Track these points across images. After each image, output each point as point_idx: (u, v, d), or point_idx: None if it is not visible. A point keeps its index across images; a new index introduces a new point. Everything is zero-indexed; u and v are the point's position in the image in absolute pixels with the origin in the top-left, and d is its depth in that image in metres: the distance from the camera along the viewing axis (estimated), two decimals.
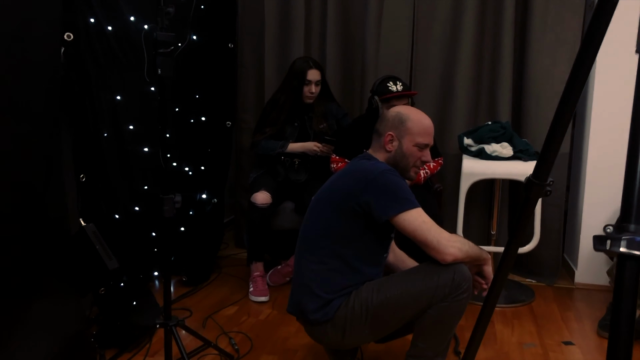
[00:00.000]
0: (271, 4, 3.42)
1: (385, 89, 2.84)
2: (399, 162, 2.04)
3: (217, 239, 3.43)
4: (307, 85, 3.08)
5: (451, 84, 3.29)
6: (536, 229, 2.92)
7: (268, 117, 3.17)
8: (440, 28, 3.27)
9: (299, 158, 3.15)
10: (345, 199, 1.92)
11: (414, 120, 2.05)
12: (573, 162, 3.48)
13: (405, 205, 1.88)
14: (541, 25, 3.12)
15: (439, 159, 3.11)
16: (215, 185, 3.35)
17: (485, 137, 3.05)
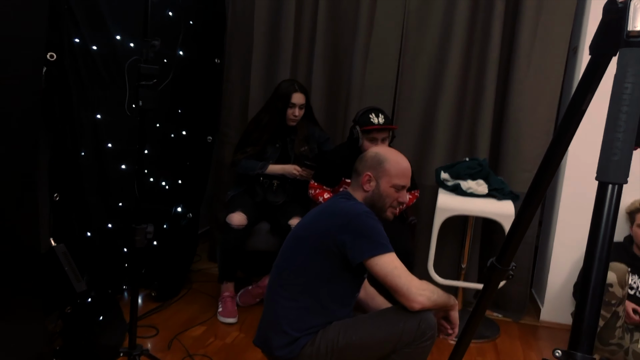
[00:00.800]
0: (261, 23, 3.43)
1: (367, 121, 2.86)
2: (376, 202, 2.07)
3: (189, 254, 3.42)
4: (291, 108, 3.09)
5: (433, 116, 3.32)
6: None
7: (250, 137, 3.18)
8: (427, 61, 3.30)
9: (278, 180, 3.15)
10: (322, 239, 1.94)
11: (392, 161, 2.08)
12: (547, 199, 3.54)
13: (379, 249, 1.90)
14: (525, 66, 3.17)
15: (415, 191, 3.15)
16: (192, 199, 3.35)
17: (462, 173, 3.10)
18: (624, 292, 2.68)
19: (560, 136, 1.06)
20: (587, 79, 1.00)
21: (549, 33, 3.13)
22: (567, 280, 3.24)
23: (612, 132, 0.83)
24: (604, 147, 0.84)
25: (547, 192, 3.45)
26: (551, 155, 1.06)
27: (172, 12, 2.85)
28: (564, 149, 1.06)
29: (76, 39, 2.17)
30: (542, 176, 1.03)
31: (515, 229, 1.11)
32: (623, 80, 0.84)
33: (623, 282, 2.66)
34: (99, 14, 2.28)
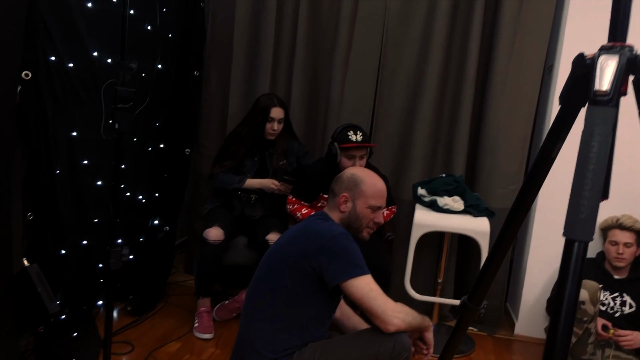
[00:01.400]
0: (240, 36, 3.42)
1: (345, 138, 2.88)
2: (352, 223, 2.08)
3: (166, 267, 3.40)
4: (270, 122, 3.09)
5: (411, 132, 3.35)
6: None
7: (228, 150, 3.17)
8: (405, 78, 3.33)
9: (256, 194, 3.15)
10: (299, 260, 1.95)
11: (368, 183, 2.11)
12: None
13: (355, 271, 1.92)
14: (501, 84, 3.21)
15: (393, 207, 3.17)
16: (169, 211, 3.33)
17: (439, 189, 3.13)
18: (596, 309, 2.73)
19: (529, 183, 1.08)
20: (556, 128, 1.03)
21: (524, 51, 3.18)
22: (541, 295, 3.29)
23: (579, 190, 0.85)
24: (571, 204, 0.86)
25: None
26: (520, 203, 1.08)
27: (150, 26, 2.83)
28: (533, 196, 1.09)
29: (52, 57, 2.14)
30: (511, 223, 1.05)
31: (486, 269, 1.13)
32: (590, 139, 0.86)
33: (595, 300, 2.71)
34: (75, 31, 2.25)
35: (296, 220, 2.98)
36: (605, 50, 0.93)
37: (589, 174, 0.85)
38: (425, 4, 3.25)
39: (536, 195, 1.09)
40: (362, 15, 3.29)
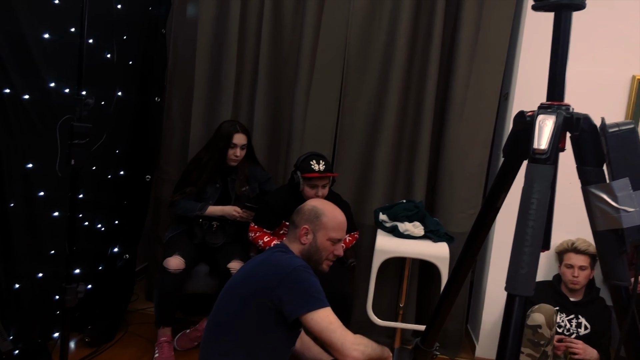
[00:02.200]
0: (202, 62, 3.42)
1: (308, 167, 2.90)
2: (312, 255, 2.10)
3: (126, 295, 3.34)
4: (232, 148, 3.10)
5: (372, 158, 3.39)
6: None
7: (189, 177, 3.16)
8: (366, 105, 3.38)
9: (218, 221, 3.14)
10: (258, 293, 1.95)
11: (329, 215, 2.12)
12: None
13: (315, 304, 1.92)
14: (458, 111, 3.29)
15: (355, 233, 3.19)
16: (129, 239, 3.28)
17: (400, 215, 3.17)
18: (552, 333, 2.80)
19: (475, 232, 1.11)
20: (500, 180, 1.07)
21: (481, 80, 3.26)
22: (501, 317, 3.34)
23: (520, 246, 0.88)
24: (512, 260, 0.89)
25: None
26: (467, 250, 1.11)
27: (110, 55, 2.81)
28: (479, 245, 1.12)
29: (6, 90, 2.10)
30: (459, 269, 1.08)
31: (436, 314, 1.16)
32: (530, 196, 0.90)
33: (551, 323, 2.78)
34: (31, 61, 2.22)
35: (258, 248, 2.98)
36: (544, 109, 0.97)
37: (529, 230, 0.89)
38: (385, 34, 3.31)
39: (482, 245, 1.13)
40: (323, 44, 3.33)
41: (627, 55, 3.12)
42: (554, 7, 1.01)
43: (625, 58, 3.12)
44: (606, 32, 3.11)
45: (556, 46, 1.02)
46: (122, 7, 2.92)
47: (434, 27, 3.25)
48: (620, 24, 3.10)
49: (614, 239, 0.96)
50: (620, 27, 3.10)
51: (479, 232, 1.10)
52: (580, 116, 0.97)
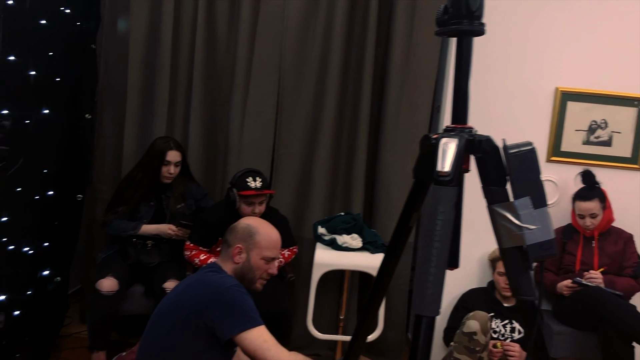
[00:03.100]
0: (134, 77, 3.35)
1: (244, 185, 2.88)
2: (245, 275, 2.08)
3: (58, 320, 3.21)
4: (165, 165, 3.04)
5: (310, 172, 3.40)
6: (380, 318, 3.09)
7: (122, 195, 3.08)
8: (303, 119, 3.39)
9: (153, 240, 3.07)
10: (189, 315, 1.91)
11: (263, 234, 2.11)
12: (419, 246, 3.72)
13: (248, 323, 1.91)
14: (393, 124, 3.35)
15: (294, 247, 3.19)
16: (60, 261, 3.16)
17: (338, 228, 3.19)
18: (487, 339, 2.87)
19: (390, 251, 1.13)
20: (411, 200, 1.09)
21: (413, 92, 3.34)
22: (439, 324, 3.40)
23: (425, 267, 0.90)
24: (418, 280, 0.91)
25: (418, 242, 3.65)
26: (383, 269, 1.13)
27: (35, 72, 2.72)
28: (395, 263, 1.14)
29: None
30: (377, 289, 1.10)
31: (357, 335, 1.17)
32: (435, 217, 0.93)
33: (485, 329, 2.85)
34: None
35: (195, 267, 2.93)
36: (447, 132, 1.00)
37: (434, 250, 0.91)
38: (319, 48, 3.34)
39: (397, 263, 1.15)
40: (258, 59, 3.33)
41: (551, 68, 3.26)
42: (456, 33, 1.04)
43: (549, 70, 3.26)
44: (531, 45, 3.25)
45: (459, 71, 1.05)
46: (47, 22, 2.82)
47: (367, 41, 3.31)
48: (544, 37, 3.24)
49: (519, 256, 1.00)
50: (544, 40, 3.24)
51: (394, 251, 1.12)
52: (482, 138, 1.01)
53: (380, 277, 1.13)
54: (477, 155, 1.01)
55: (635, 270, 3.09)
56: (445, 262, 0.91)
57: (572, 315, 3.05)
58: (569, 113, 3.26)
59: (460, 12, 1.01)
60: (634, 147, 3.28)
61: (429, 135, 1.03)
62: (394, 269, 1.11)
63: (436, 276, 0.89)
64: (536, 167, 0.98)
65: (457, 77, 1.05)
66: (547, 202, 0.99)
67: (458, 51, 1.06)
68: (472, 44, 1.06)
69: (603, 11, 3.20)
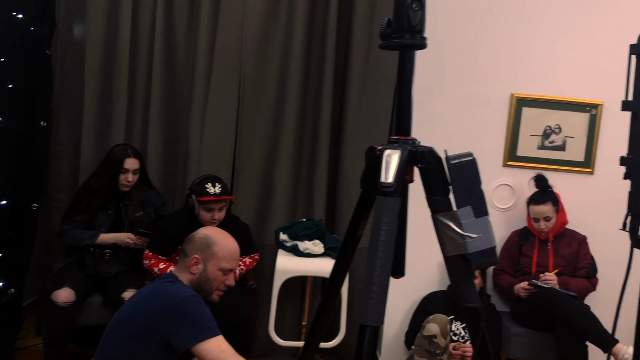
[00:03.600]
0: (91, 83, 3.30)
1: (203, 191, 2.86)
2: (202, 285, 2.06)
3: (12, 333, 3.13)
4: (123, 173, 3.01)
5: (272, 178, 3.40)
6: (342, 324, 3.10)
7: (79, 204, 3.03)
8: (264, 125, 3.39)
9: (111, 249, 3.02)
10: (145, 327, 1.88)
11: (221, 245, 2.09)
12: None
13: (205, 334, 1.89)
14: (354, 129, 3.37)
15: (255, 254, 3.18)
16: (15, 272, 3.08)
17: (300, 234, 3.20)
18: (447, 341, 2.91)
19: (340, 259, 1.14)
20: (359, 210, 1.10)
21: (374, 99, 3.37)
22: (401, 328, 3.44)
23: (370, 277, 0.92)
24: (364, 290, 0.92)
25: None
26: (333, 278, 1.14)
27: None
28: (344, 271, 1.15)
29: None
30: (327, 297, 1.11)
31: (311, 334, 1.18)
32: (378, 228, 0.94)
33: (445, 332, 2.89)
34: None
35: (153, 276, 2.89)
36: (390, 144, 1.02)
37: (378, 260, 0.92)
38: (279, 55, 3.35)
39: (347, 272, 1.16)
40: (218, 65, 3.31)
41: (506, 75, 3.34)
42: (398, 47, 1.06)
43: (505, 77, 3.34)
44: (487, 53, 3.32)
45: (401, 83, 1.07)
46: None
47: (327, 47, 3.33)
48: (499, 45, 3.31)
49: (462, 264, 1.02)
50: (499, 48, 3.32)
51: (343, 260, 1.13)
52: (425, 149, 1.03)
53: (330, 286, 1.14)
54: (420, 166, 1.03)
55: (589, 271, 3.19)
56: (389, 272, 0.93)
57: (529, 316, 3.12)
58: (524, 119, 3.34)
59: (402, 26, 1.03)
60: (587, 152, 3.38)
61: (374, 147, 1.05)
62: (344, 278, 1.12)
63: (380, 286, 0.91)
64: (477, 177, 1.01)
65: (400, 90, 1.07)
66: (487, 211, 1.01)
67: (400, 64, 1.08)
68: (414, 58, 1.08)
69: (556, 19, 3.30)
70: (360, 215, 1.10)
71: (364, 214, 1.11)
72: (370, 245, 0.94)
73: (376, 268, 0.92)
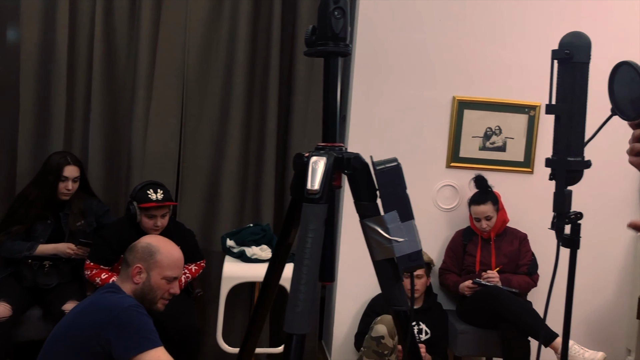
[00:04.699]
0: (27, 89, 3.19)
1: (145, 197, 2.81)
2: (146, 295, 2.02)
3: None
4: (63, 181, 2.92)
5: (218, 184, 3.37)
6: None
7: (15, 214, 2.93)
8: (208, 130, 3.36)
9: (50, 260, 2.93)
10: (85, 339, 1.83)
11: (164, 253, 2.06)
12: None
13: (145, 345, 1.85)
14: (300, 134, 3.39)
15: (201, 261, 3.14)
16: None
17: (247, 240, 3.18)
18: (395, 342, 2.94)
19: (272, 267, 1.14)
20: (290, 217, 1.10)
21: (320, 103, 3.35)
22: (350, 331, 3.46)
23: (296, 284, 0.92)
24: (290, 297, 0.92)
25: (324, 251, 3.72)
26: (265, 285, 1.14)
27: None
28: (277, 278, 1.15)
29: None
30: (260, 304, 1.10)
31: (247, 339, 1.17)
32: (305, 235, 0.94)
33: (393, 333, 2.92)
34: None
35: (96, 287, 2.82)
36: (317, 151, 1.03)
37: (304, 268, 0.92)
38: (224, 59, 3.32)
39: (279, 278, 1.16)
40: (160, 70, 3.26)
41: (448, 78, 3.41)
42: (323, 54, 1.07)
43: (447, 81, 3.41)
44: (429, 57, 3.38)
45: (327, 90, 1.08)
46: None
47: (272, 51, 3.33)
48: (441, 48, 3.38)
49: (390, 268, 1.03)
50: (441, 51, 3.38)
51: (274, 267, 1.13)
52: (351, 156, 1.04)
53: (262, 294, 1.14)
54: (347, 172, 1.04)
55: (530, 267, 3.29)
56: (316, 279, 0.93)
57: (474, 314, 3.20)
58: (465, 121, 3.42)
59: (326, 34, 1.04)
60: (526, 152, 3.48)
61: (301, 154, 1.05)
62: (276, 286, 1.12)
63: (306, 294, 0.91)
64: (402, 182, 1.03)
65: (326, 97, 1.08)
66: (413, 215, 1.03)
67: (325, 71, 1.08)
68: (338, 65, 1.09)
69: (495, 23, 3.39)
70: (291, 223, 1.10)
71: (294, 221, 1.11)
72: (297, 252, 0.94)
73: (302, 275, 0.92)
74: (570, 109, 1.32)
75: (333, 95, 1.07)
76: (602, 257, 3.55)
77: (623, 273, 3.58)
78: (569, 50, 1.29)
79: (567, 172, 1.33)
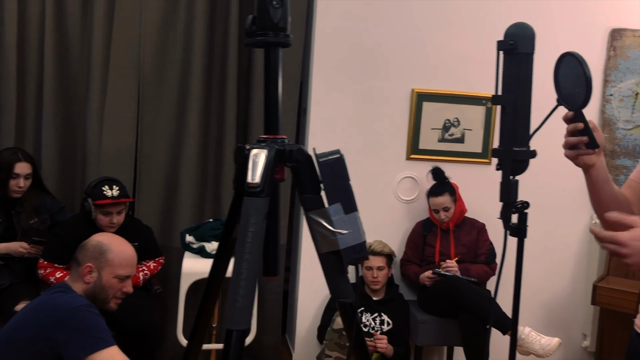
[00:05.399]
0: None
1: (100, 194, 2.75)
2: (97, 295, 1.98)
3: None
4: (14, 178, 2.84)
5: (177, 179, 3.32)
6: (253, 322, 3.08)
7: None
8: (166, 124, 3.30)
9: (2, 259, 2.84)
10: (34, 340, 1.78)
11: (116, 251, 2.01)
12: (292, 246, 3.77)
13: (98, 345, 1.81)
14: (260, 127, 3.35)
15: (160, 258, 3.10)
16: None
17: (206, 235, 3.14)
18: None
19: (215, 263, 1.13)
20: (233, 212, 1.09)
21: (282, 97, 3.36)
22: (313, 323, 3.46)
23: (236, 279, 0.90)
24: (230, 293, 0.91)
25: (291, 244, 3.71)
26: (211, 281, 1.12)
27: None
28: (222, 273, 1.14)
29: None
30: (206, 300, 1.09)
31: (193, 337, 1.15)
32: (246, 229, 0.93)
33: None
34: None
35: (50, 286, 2.75)
36: (258, 143, 1.01)
37: (244, 263, 0.91)
38: (180, 52, 3.27)
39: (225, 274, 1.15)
40: (115, 63, 3.19)
41: (406, 71, 3.42)
42: (263, 45, 1.05)
43: (405, 73, 3.43)
44: (387, 49, 3.39)
45: (268, 82, 1.06)
46: None
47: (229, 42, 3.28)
48: (399, 40, 3.39)
49: (335, 260, 1.03)
50: (399, 43, 3.39)
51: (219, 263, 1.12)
52: (293, 148, 1.03)
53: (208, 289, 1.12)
54: (290, 165, 1.03)
55: (488, 257, 3.34)
56: (256, 274, 0.92)
57: (434, 304, 3.23)
58: (424, 113, 3.45)
59: (265, 24, 1.02)
60: (484, 143, 3.53)
61: (242, 147, 1.04)
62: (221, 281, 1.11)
63: (246, 289, 0.90)
64: (345, 174, 1.02)
65: (267, 89, 1.06)
66: (357, 207, 1.02)
67: (266, 62, 1.07)
68: (279, 55, 1.07)
69: (450, 15, 3.42)
70: (234, 217, 1.09)
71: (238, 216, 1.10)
72: (237, 247, 0.93)
73: (242, 271, 0.91)
74: (516, 99, 1.34)
75: (274, 87, 1.06)
76: (557, 244, 3.63)
77: (578, 260, 3.67)
78: (513, 41, 1.31)
79: (513, 161, 1.35)
